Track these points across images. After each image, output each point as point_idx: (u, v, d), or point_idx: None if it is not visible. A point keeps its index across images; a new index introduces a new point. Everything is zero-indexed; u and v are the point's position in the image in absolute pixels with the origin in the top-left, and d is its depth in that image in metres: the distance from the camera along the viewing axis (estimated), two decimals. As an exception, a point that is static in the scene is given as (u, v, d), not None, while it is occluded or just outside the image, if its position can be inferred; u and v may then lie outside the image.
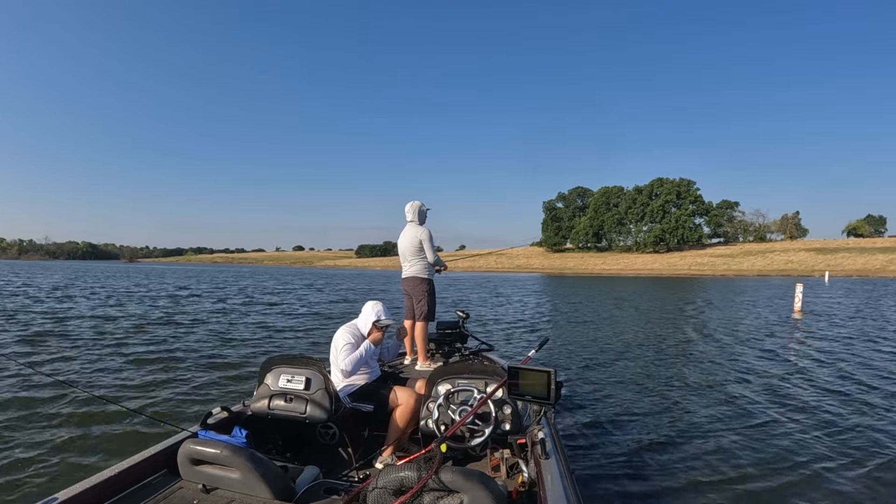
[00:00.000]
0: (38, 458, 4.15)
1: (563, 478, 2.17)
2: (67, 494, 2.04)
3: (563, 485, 2.10)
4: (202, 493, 2.26)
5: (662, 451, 4.41)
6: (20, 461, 4.06)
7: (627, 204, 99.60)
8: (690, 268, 77.37)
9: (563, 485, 2.10)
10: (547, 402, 2.51)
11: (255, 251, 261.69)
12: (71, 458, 4.19)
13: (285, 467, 2.57)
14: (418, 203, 4.97)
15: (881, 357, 8.82)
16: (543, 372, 2.49)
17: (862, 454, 4.39)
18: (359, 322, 3.57)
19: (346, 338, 3.42)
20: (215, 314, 15.08)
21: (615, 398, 6.09)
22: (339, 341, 3.42)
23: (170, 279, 38.70)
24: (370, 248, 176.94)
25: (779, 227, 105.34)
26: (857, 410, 5.66)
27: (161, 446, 2.55)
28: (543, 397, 2.49)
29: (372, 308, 3.54)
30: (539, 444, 2.45)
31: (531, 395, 2.55)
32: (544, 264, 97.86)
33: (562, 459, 2.39)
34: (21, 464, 4.01)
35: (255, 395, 3.16)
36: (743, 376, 7.33)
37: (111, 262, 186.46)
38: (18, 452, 4.24)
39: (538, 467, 2.30)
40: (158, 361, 7.88)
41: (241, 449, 2.23)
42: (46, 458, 4.16)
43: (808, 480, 3.89)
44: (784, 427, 5.06)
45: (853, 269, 62.34)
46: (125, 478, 2.29)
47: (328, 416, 2.96)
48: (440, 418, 2.81)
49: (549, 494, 2.03)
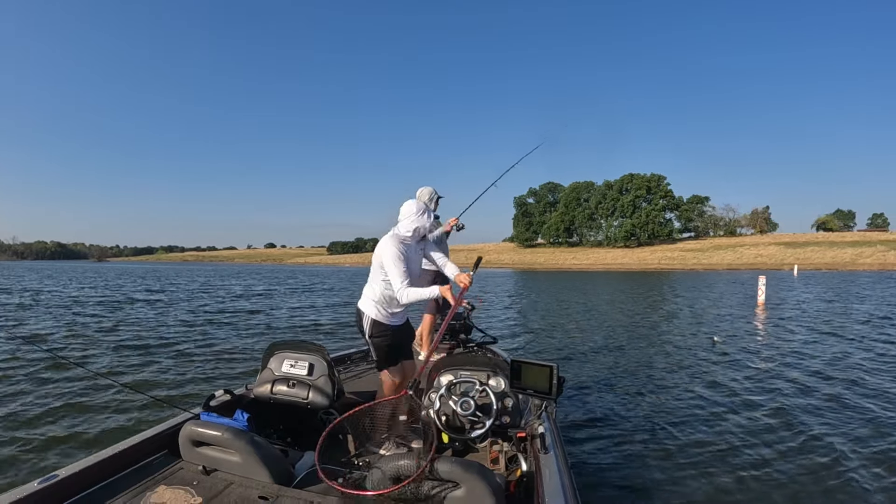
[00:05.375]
0: (40, 435, 4.29)
1: (561, 472, 2.16)
2: (69, 471, 2.07)
3: (561, 479, 2.09)
4: (202, 475, 2.27)
5: (661, 446, 4.35)
6: (22, 439, 4.20)
7: (598, 199, 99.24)
8: (660, 262, 77.04)
9: (561, 479, 2.09)
10: (548, 397, 2.53)
11: (226, 249, 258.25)
12: (74, 436, 4.31)
13: (285, 452, 2.65)
14: (430, 189, 4.82)
15: (847, 350, 8.55)
16: (546, 366, 2.52)
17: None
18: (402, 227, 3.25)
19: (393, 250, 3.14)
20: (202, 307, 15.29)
21: (613, 393, 6.04)
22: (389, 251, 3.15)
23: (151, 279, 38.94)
24: (342, 244, 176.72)
25: (749, 221, 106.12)
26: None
27: (163, 427, 2.56)
28: (545, 391, 2.52)
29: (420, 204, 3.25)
30: (539, 437, 2.44)
31: (533, 389, 2.57)
32: (515, 259, 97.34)
33: (561, 454, 2.38)
34: (23, 441, 4.15)
35: (257, 379, 3.15)
36: (708, 373, 7.03)
37: (80, 261, 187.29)
38: (20, 430, 4.41)
39: (537, 461, 2.31)
40: (162, 345, 8.26)
41: (241, 432, 2.25)
42: (49, 435, 4.29)
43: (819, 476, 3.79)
44: (789, 423, 4.92)
45: (822, 263, 62.49)
46: (126, 457, 2.31)
47: (330, 402, 2.97)
48: (441, 409, 2.80)
49: (546, 488, 2.03)
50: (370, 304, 3.32)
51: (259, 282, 33.75)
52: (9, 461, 3.82)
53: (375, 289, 3.29)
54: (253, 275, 48.68)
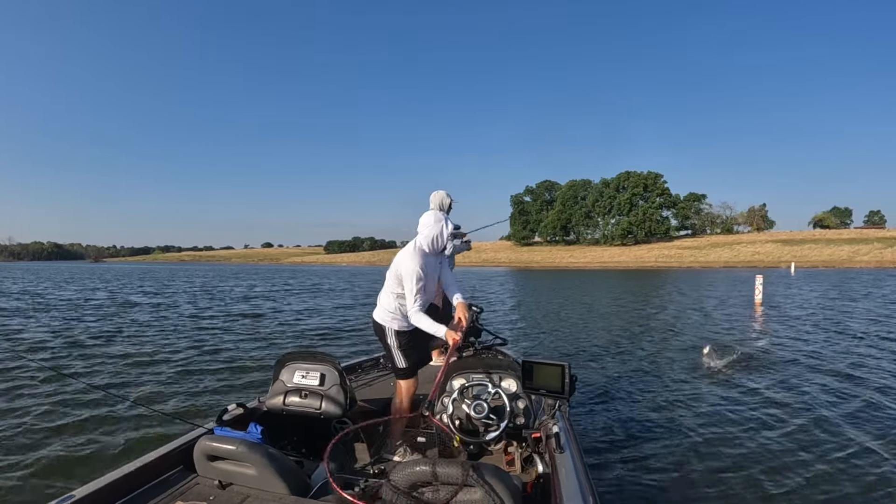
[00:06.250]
0: (53, 455, 4.23)
1: (577, 471, 2.15)
2: (84, 492, 2.04)
3: (578, 478, 2.09)
4: (218, 489, 2.27)
5: (677, 445, 4.34)
6: (36, 459, 4.14)
7: (595, 197, 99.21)
8: (657, 260, 77.21)
9: (578, 478, 2.09)
10: (561, 396, 2.54)
11: (223, 249, 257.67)
12: (87, 455, 4.27)
13: (300, 463, 2.66)
14: (442, 193, 4.81)
15: (844, 349, 8.62)
16: (557, 366, 2.53)
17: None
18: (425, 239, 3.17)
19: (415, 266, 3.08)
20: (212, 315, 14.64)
21: (625, 391, 6.02)
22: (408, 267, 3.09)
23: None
24: (338, 243, 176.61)
25: (746, 219, 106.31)
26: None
27: (177, 443, 2.56)
28: (557, 391, 2.53)
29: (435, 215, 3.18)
30: (553, 437, 2.44)
31: (545, 389, 2.58)
32: (511, 258, 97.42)
33: (576, 453, 2.37)
34: (36, 461, 4.09)
35: (270, 391, 3.15)
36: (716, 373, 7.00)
37: (77, 262, 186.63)
38: (34, 450, 4.35)
39: (553, 461, 2.30)
40: (174, 360, 8.04)
41: (256, 445, 2.24)
42: (62, 455, 4.24)
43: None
44: (808, 426, 4.83)
45: (819, 261, 62.61)
46: (142, 474, 2.30)
47: (343, 411, 2.98)
48: (454, 413, 2.80)
49: (563, 488, 2.02)
50: (388, 316, 3.27)
51: (259, 283, 33.54)
52: (22, 482, 3.78)
53: (391, 300, 3.25)
54: (252, 275, 48.45)
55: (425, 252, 3.15)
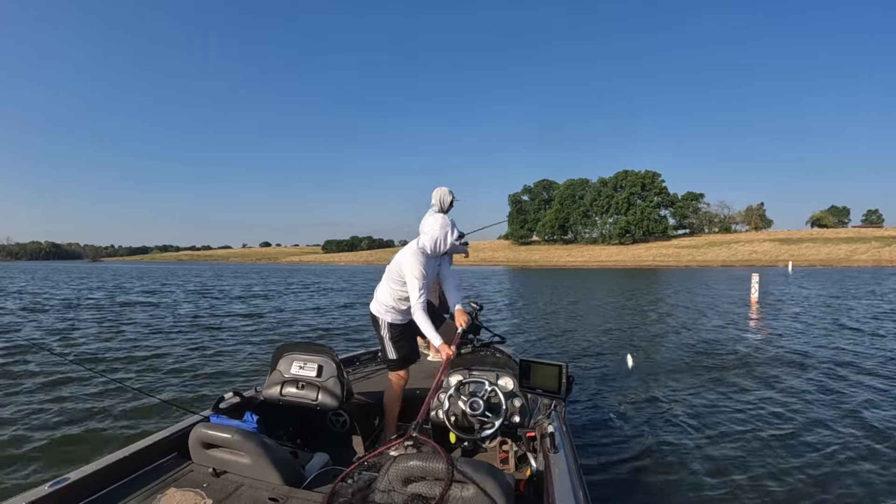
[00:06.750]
0: (50, 438, 4.30)
1: (571, 472, 2.14)
2: (80, 474, 2.08)
3: (571, 479, 2.08)
4: (212, 477, 2.26)
5: (671, 446, 4.33)
6: (32, 442, 4.21)
7: (592, 196, 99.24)
8: (655, 259, 77.43)
9: (571, 479, 2.08)
10: (557, 396, 2.53)
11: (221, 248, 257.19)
12: (84, 439, 4.33)
13: (295, 453, 2.65)
14: (444, 190, 4.74)
15: (844, 346, 8.57)
16: (555, 366, 2.51)
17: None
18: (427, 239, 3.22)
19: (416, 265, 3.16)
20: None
21: (622, 392, 6.00)
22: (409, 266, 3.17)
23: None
24: (336, 243, 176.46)
25: (743, 218, 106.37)
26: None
27: (173, 430, 2.57)
28: (554, 391, 2.51)
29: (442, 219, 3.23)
30: (548, 437, 2.43)
31: (542, 389, 2.56)
32: (509, 257, 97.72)
33: (570, 453, 2.34)
34: (33, 444, 4.16)
35: (267, 381, 3.15)
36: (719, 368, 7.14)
37: (75, 261, 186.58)
38: (30, 434, 4.39)
39: (546, 461, 2.29)
40: (171, 354, 8.08)
41: (251, 434, 2.24)
42: (59, 438, 4.31)
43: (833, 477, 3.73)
44: (802, 426, 4.78)
45: (817, 259, 62.90)
46: (136, 460, 2.31)
47: (339, 403, 2.97)
48: (450, 409, 2.80)
49: (556, 488, 2.01)
50: (383, 309, 3.37)
51: (258, 282, 33.59)
52: (20, 464, 3.83)
53: (390, 295, 3.33)
54: (251, 274, 48.39)
55: (427, 253, 3.21)
